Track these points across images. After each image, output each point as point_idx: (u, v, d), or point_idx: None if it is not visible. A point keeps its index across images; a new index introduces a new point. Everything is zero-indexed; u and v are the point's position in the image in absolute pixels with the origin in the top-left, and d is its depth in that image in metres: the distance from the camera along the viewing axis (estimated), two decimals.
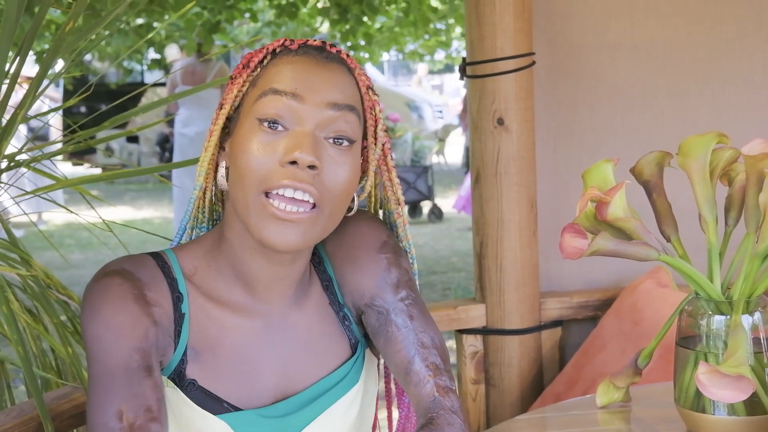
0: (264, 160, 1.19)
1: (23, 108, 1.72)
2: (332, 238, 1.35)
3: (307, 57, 1.24)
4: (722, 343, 1.32)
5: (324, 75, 1.23)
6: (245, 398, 1.27)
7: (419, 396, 1.27)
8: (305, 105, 1.20)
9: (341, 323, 1.35)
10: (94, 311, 1.21)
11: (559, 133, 2.31)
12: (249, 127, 1.21)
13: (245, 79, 1.26)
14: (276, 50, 1.26)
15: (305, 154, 1.17)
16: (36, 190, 1.85)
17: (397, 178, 1.35)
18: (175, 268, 1.28)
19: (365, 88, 1.28)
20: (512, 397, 2.21)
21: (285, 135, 1.20)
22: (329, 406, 1.31)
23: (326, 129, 1.21)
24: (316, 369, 1.32)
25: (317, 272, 1.36)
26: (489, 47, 2.12)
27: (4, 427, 1.42)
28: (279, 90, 1.20)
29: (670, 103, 2.30)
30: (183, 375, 1.25)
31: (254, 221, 1.19)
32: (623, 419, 1.51)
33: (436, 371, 1.28)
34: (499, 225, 2.17)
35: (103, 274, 1.24)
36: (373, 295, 1.33)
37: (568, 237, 1.29)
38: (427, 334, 1.32)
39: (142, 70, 15.82)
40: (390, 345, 1.31)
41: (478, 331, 2.23)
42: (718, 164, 1.37)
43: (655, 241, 1.31)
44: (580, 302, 2.26)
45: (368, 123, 1.29)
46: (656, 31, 2.29)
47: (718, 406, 1.31)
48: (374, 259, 1.35)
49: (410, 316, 1.32)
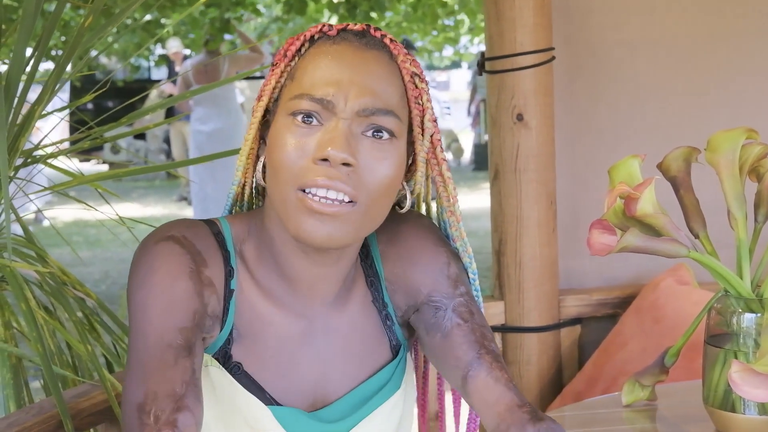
0: (297, 155, 1.14)
1: (41, 104, 1.72)
2: (385, 236, 1.30)
3: (346, 45, 1.18)
4: (752, 341, 1.30)
5: (361, 71, 1.16)
6: (285, 394, 1.23)
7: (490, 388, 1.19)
8: (339, 107, 1.15)
9: (383, 323, 1.30)
10: (148, 276, 1.16)
11: (578, 129, 2.30)
12: (284, 122, 1.17)
13: (283, 70, 1.21)
14: (314, 37, 1.21)
15: (338, 150, 1.12)
16: (53, 187, 1.84)
17: (448, 173, 1.27)
18: (228, 240, 1.24)
19: (409, 76, 1.20)
20: (531, 395, 2.19)
21: (319, 130, 1.15)
22: (372, 411, 1.27)
23: (363, 124, 1.16)
24: (357, 371, 1.28)
25: (363, 267, 1.30)
26: (508, 42, 2.11)
27: (25, 424, 1.41)
28: (311, 96, 1.15)
29: (691, 99, 2.28)
30: (229, 356, 1.22)
31: (290, 216, 1.15)
32: (648, 418, 1.49)
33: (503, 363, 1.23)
34: (518, 222, 2.15)
35: (164, 237, 1.19)
36: (430, 290, 1.28)
37: (596, 233, 1.28)
38: (487, 329, 1.27)
39: (149, 67, 15.83)
40: (449, 340, 1.25)
41: (497, 328, 2.21)
42: (746, 160, 1.35)
43: (685, 238, 1.29)
44: (599, 300, 2.25)
45: (413, 113, 1.21)
46: (676, 27, 2.27)
47: (749, 405, 1.30)
48: (434, 252, 1.29)
49: (471, 311, 1.27)
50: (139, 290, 1.17)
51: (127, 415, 1.12)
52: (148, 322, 1.15)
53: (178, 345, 1.14)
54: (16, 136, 1.76)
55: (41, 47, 1.77)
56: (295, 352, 1.25)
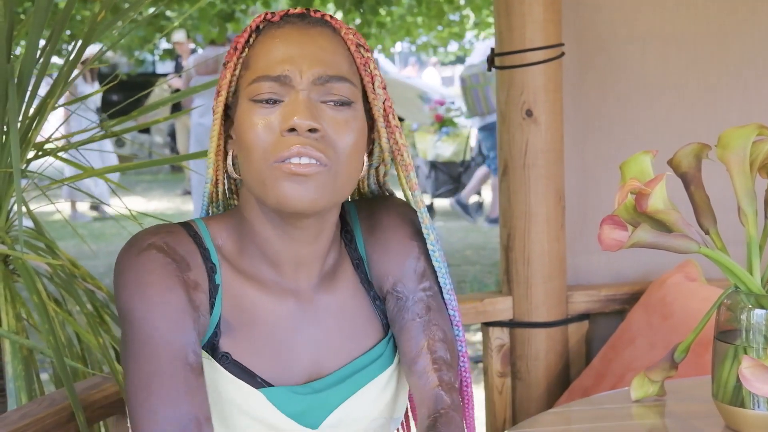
0: (265, 133, 1.19)
1: (53, 97, 1.72)
2: (367, 222, 1.36)
3: (290, 27, 1.24)
4: (762, 337, 1.30)
5: (309, 45, 1.22)
6: (278, 375, 1.27)
7: (422, 389, 1.28)
8: (296, 80, 1.20)
9: (372, 303, 1.35)
10: (141, 290, 1.19)
11: (587, 125, 2.30)
12: (247, 107, 1.22)
13: (235, 63, 1.26)
14: (259, 26, 1.27)
15: (303, 119, 1.17)
16: (65, 179, 1.85)
17: (402, 139, 1.31)
18: (206, 239, 1.28)
19: (354, 46, 1.26)
20: (539, 390, 2.20)
21: (281, 105, 1.20)
22: (364, 385, 1.31)
23: (321, 93, 1.21)
24: (350, 349, 1.32)
25: (348, 250, 1.36)
26: (518, 38, 2.11)
27: (38, 416, 1.42)
28: (268, 76, 1.20)
29: (701, 95, 2.28)
30: (216, 347, 1.25)
31: (269, 187, 1.19)
32: (658, 413, 1.50)
33: (442, 365, 1.28)
34: (526, 217, 2.15)
35: (145, 246, 1.21)
36: (396, 280, 1.34)
37: (608, 229, 1.28)
38: (440, 329, 1.32)
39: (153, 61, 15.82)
40: (402, 333, 1.32)
41: (505, 323, 2.21)
42: (757, 157, 1.35)
43: (696, 234, 1.29)
44: (607, 296, 2.25)
45: (365, 81, 1.28)
46: (687, 23, 2.27)
47: (759, 401, 1.30)
48: (406, 245, 1.35)
49: (428, 307, 1.32)
50: (136, 306, 1.18)
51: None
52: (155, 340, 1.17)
53: (195, 362, 1.18)
54: (28, 129, 1.77)
55: (53, 41, 1.78)
56: (288, 335, 1.28)
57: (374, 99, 1.28)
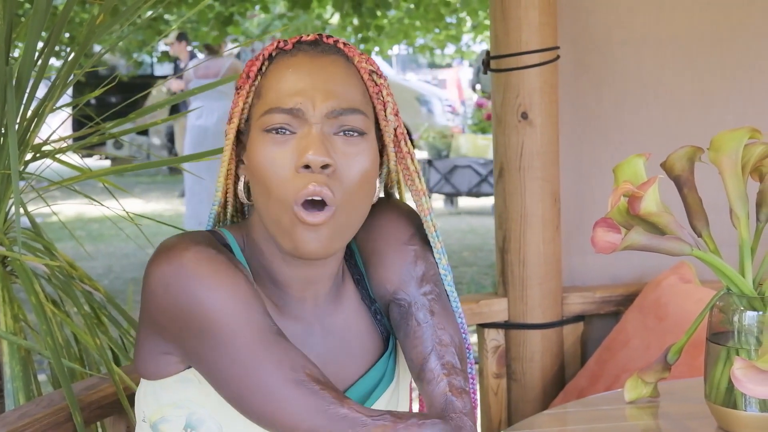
0: (280, 168, 1.19)
1: (51, 99, 1.73)
2: (362, 232, 1.33)
3: (303, 55, 1.24)
4: (754, 339, 1.31)
5: (322, 76, 1.22)
6: None
7: (431, 394, 1.24)
8: (309, 113, 1.20)
9: (374, 318, 1.35)
10: (206, 286, 1.16)
11: (582, 128, 2.31)
12: (259, 139, 1.22)
13: (248, 90, 1.26)
14: (272, 54, 1.26)
15: (316, 155, 1.17)
16: (62, 181, 1.86)
17: (414, 165, 1.31)
18: (233, 245, 1.28)
19: (367, 74, 1.26)
20: (534, 391, 2.21)
21: (294, 138, 1.20)
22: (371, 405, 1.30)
23: (334, 126, 1.21)
24: (354, 368, 1.31)
25: (348, 267, 1.35)
26: (514, 41, 2.12)
27: (36, 416, 1.43)
28: (281, 108, 1.20)
29: (696, 98, 2.29)
30: None
31: (284, 230, 1.20)
32: (651, 414, 1.51)
33: (451, 370, 1.25)
34: (522, 219, 2.16)
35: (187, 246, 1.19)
36: (396, 288, 1.31)
37: (601, 231, 1.29)
38: (446, 332, 1.29)
39: (152, 63, 15.81)
40: (408, 340, 1.29)
41: (500, 325, 2.22)
42: (749, 160, 1.36)
43: (688, 236, 1.30)
44: (602, 297, 2.26)
45: (377, 108, 1.28)
46: (682, 26, 2.28)
47: (750, 402, 1.31)
48: (401, 251, 1.33)
49: (431, 311, 1.30)
50: (207, 300, 1.16)
51: (286, 400, 1.15)
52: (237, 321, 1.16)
53: (279, 331, 1.19)
54: (26, 132, 1.77)
55: (51, 43, 1.78)
56: None
57: (385, 126, 1.28)
